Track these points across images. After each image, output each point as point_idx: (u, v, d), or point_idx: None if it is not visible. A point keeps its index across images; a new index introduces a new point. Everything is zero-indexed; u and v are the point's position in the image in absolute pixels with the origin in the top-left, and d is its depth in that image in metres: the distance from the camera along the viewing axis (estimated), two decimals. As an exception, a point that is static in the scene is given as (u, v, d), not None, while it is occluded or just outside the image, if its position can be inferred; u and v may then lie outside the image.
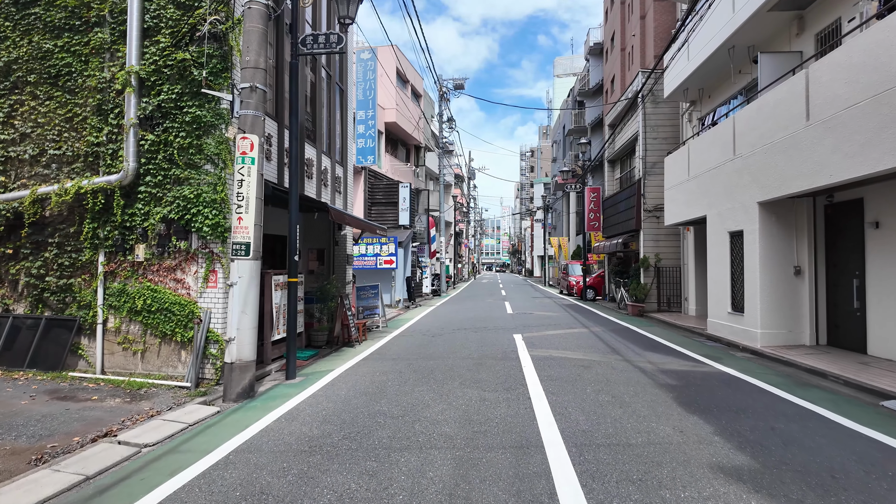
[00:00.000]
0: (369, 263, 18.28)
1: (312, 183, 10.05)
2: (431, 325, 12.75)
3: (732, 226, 9.94)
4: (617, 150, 18.76)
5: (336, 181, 11.57)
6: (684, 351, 8.76)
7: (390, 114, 23.16)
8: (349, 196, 12.41)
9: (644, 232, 15.42)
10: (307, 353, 8.55)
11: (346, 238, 12.28)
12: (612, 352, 8.52)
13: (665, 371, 6.97)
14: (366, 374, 7.05)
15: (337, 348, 9.46)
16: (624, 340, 9.89)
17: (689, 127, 14.35)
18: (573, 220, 37.91)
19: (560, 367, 7.14)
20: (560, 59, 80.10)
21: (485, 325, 12.46)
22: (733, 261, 10.08)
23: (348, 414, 5.11)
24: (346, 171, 12.19)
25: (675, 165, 13.10)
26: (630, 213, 16.34)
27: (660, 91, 15.34)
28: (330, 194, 11.12)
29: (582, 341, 9.68)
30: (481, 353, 8.47)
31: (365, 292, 12.38)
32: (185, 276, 7.03)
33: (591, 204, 20.30)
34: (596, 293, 20.97)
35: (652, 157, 15.45)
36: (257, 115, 6.23)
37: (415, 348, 9.10)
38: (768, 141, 8.61)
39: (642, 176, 15.49)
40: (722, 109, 11.89)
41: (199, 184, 6.93)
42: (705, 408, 5.14)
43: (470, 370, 7.06)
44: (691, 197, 11.98)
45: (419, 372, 7.02)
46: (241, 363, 6.01)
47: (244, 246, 6.07)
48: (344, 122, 12.21)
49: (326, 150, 11.11)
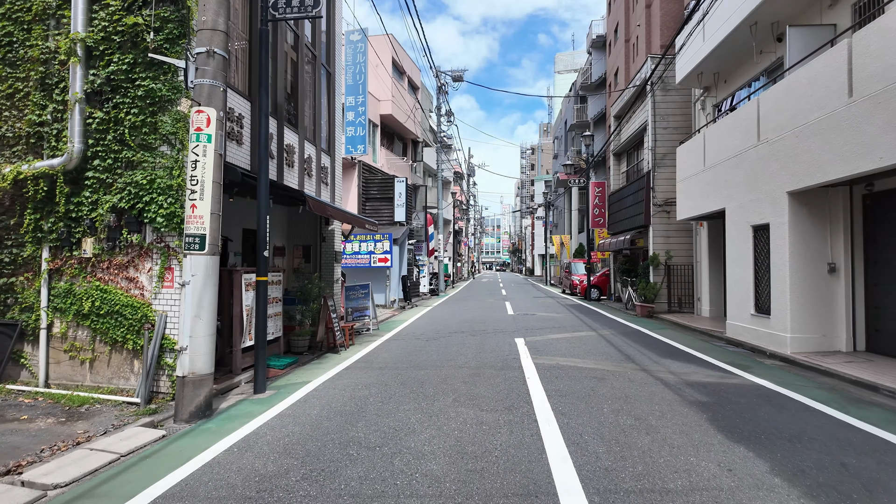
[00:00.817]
0: (363, 261, 17.37)
1: (294, 172, 9.13)
2: (426, 327, 11.83)
3: (756, 219, 9.02)
4: (623, 143, 17.83)
5: (322, 171, 10.65)
6: (706, 358, 7.84)
7: (386, 105, 22.22)
8: (337, 188, 11.49)
9: (653, 228, 14.50)
10: (284, 361, 7.63)
11: (333, 234, 11.36)
12: (627, 359, 7.60)
13: (691, 384, 6.05)
14: (346, 387, 6.13)
15: (319, 355, 8.54)
16: (637, 345, 8.97)
17: (702, 115, 13.42)
18: (575, 218, 37.00)
19: (570, 380, 6.21)
20: (561, 56, 79.16)
21: (484, 327, 11.54)
22: (757, 257, 9.15)
23: (316, 442, 4.19)
24: (333, 162, 11.26)
25: (689, 155, 12.17)
26: (638, 209, 15.41)
27: (670, 78, 14.40)
28: (315, 185, 10.20)
29: (591, 347, 8.76)
30: (479, 360, 7.55)
31: (354, 292, 11.47)
32: (138, 275, 6.10)
33: (595, 199, 19.36)
34: (601, 293, 20.04)
35: (662, 147, 14.52)
36: (215, 86, 5.31)
37: (406, 355, 8.18)
38: (800, 123, 7.68)
39: (651, 168, 14.57)
40: (742, 93, 10.96)
41: (153, 168, 6.01)
42: (751, 435, 4.21)
43: (466, 382, 6.13)
44: (707, 189, 11.05)
45: (408, 385, 6.10)
46: (194, 377, 5.09)
47: (198, 238, 5.15)
48: (331, 108, 11.28)
49: (311, 137, 10.18)
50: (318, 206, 7.34)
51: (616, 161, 19.10)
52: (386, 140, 23.61)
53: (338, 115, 11.54)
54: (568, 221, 38.86)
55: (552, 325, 11.72)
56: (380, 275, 17.73)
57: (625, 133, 17.61)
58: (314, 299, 8.78)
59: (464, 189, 49.46)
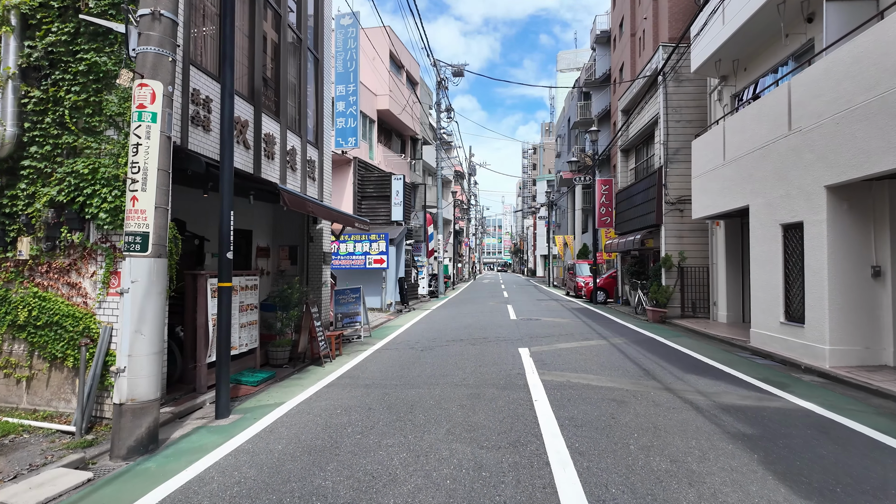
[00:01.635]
0: (358, 263, 16.50)
1: (274, 164, 8.26)
2: (423, 334, 10.94)
3: (787, 216, 8.13)
4: (632, 138, 16.93)
5: (308, 165, 9.78)
6: (735, 373, 6.94)
7: (383, 100, 21.37)
8: (326, 184, 10.62)
9: (665, 227, 13.60)
10: (259, 377, 6.76)
11: (322, 233, 10.49)
12: (646, 375, 6.71)
13: (726, 408, 5.16)
14: (323, 411, 5.25)
15: (301, 368, 7.66)
16: (654, 357, 8.07)
17: (718, 107, 12.52)
18: (579, 217, 36.09)
19: (584, 403, 5.32)
20: (563, 54, 78.19)
21: (484, 334, 10.65)
22: (788, 259, 8.26)
23: (270, 495, 3.31)
24: (321, 155, 10.39)
25: (706, 149, 11.28)
26: (649, 207, 14.52)
27: (683, 68, 13.52)
28: (300, 180, 9.33)
29: (603, 358, 7.87)
30: (479, 377, 6.66)
31: (345, 297, 10.59)
32: (81, 280, 5.24)
33: (602, 197, 18.46)
34: (607, 295, 19.14)
35: (675, 142, 13.63)
36: (162, 54, 4.43)
37: (397, 369, 7.29)
38: (842, 108, 6.79)
39: (663, 164, 13.67)
40: (767, 79, 10.06)
41: (98, 155, 5.14)
42: (822, 487, 3.33)
43: (463, 407, 5.25)
44: (728, 184, 10.15)
45: (395, 409, 5.21)
46: (134, 405, 4.22)
47: (139, 237, 4.27)
48: (319, 97, 10.42)
49: (295, 127, 9.31)
50: (296, 201, 6.47)
51: (624, 157, 18.20)
52: (383, 137, 22.75)
53: (327, 105, 10.68)
54: (571, 221, 37.96)
55: (558, 332, 10.82)
56: (375, 277, 16.86)
57: (633, 128, 16.72)
58: (295, 305, 7.90)
59: (465, 188, 48.58)
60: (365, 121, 20.65)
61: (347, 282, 16.87)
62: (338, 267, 16.69)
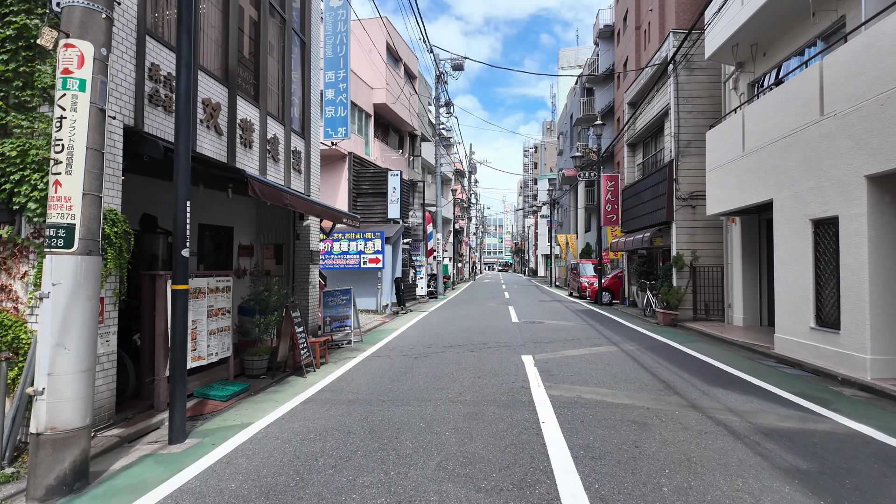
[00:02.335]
0: (352, 262, 15.75)
1: (252, 154, 7.50)
2: (418, 339, 10.18)
3: (819, 211, 7.35)
4: (639, 132, 16.15)
5: (294, 157, 9.03)
6: (766, 386, 6.17)
7: (380, 94, 20.61)
8: (314, 177, 9.86)
9: (677, 224, 12.83)
10: (230, 390, 6.00)
11: (309, 231, 9.74)
12: (667, 389, 5.94)
13: (768, 432, 4.39)
14: (294, 435, 4.49)
15: (280, 378, 6.90)
16: (672, 366, 7.31)
17: (734, 96, 11.74)
18: (581, 216, 35.32)
19: (600, 426, 4.55)
20: (565, 51, 77.41)
21: (484, 339, 9.89)
22: (819, 258, 7.48)
23: (203, 562, 2.55)
24: (308, 146, 9.64)
25: (722, 140, 10.51)
26: (658, 203, 13.75)
27: (695, 56, 12.75)
28: (283, 172, 8.58)
29: (616, 368, 7.10)
30: (478, 391, 5.89)
31: (334, 299, 9.83)
32: (11, 282, 4.48)
33: (607, 194, 17.68)
34: (612, 296, 18.36)
35: (686, 134, 12.85)
36: (92, 9, 3.67)
37: (386, 380, 6.53)
38: (890, 86, 6.01)
39: (674, 157, 12.90)
40: (792, 62, 9.27)
41: (29, 135, 4.39)
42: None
43: (458, 431, 4.48)
44: (747, 177, 9.38)
45: (378, 434, 4.45)
46: (55, 435, 3.45)
47: (63, 230, 3.52)
48: (306, 84, 9.66)
49: (278, 114, 8.56)
50: (270, 192, 5.70)
51: (630, 152, 17.42)
52: (380, 132, 22.00)
53: (314, 93, 9.92)
54: (574, 220, 37.19)
55: (564, 337, 10.05)
56: (371, 277, 16.11)
57: (641, 121, 15.94)
58: (274, 309, 7.13)
59: (465, 187, 47.83)
60: (361, 115, 19.90)
61: (340, 282, 16.13)
62: (331, 267, 15.94)
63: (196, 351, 5.90)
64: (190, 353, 5.79)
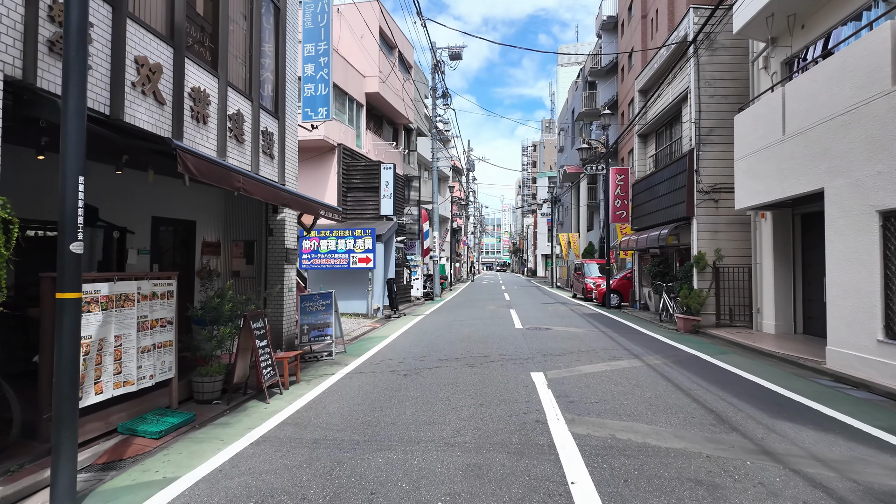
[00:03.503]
0: (340, 262, 14.48)
1: (208, 130, 6.22)
2: (410, 349, 8.92)
3: (889, 200, 6.11)
4: (652, 121, 14.91)
5: (264, 139, 7.75)
6: (840, 417, 4.92)
7: (372, 83, 19.32)
8: (289, 164, 8.59)
9: (698, 220, 11.58)
10: (168, 423, 4.72)
11: (283, 225, 8.47)
12: (720, 422, 4.68)
13: (889, 501, 3.13)
14: (226, 501, 3.21)
15: (237, 404, 5.63)
16: (713, 387, 6.05)
17: (763, 76, 10.51)
18: (584, 214, 34.11)
19: (653, 490, 3.29)
20: (565, 47, 76.25)
21: (486, 350, 8.63)
22: (889, 257, 6.24)
23: None
24: (283, 128, 8.36)
25: (755, 123, 9.27)
26: (675, 197, 12.51)
27: (721, 34, 11.51)
28: (250, 155, 7.30)
29: (648, 390, 5.84)
30: (480, 427, 4.63)
31: (312, 304, 8.55)
32: None
33: (616, 189, 16.43)
34: (621, 299, 17.12)
35: (708, 120, 11.61)
36: None
37: (366, 408, 5.27)
38: None
39: (695, 146, 11.65)
40: (844, 30, 8.02)
41: None
42: None
43: (454, 498, 3.21)
44: (790, 164, 8.14)
45: (342, 500, 3.18)
46: None
47: None
48: (281, 57, 8.38)
49: (243, 88, 7.28)
50: (210, 169, 4.40)
51: (641, 143, 16.18)
52: (373, 123, 20.72)
53: (291, 68, 8.65)
54: (575, 219, 35.98)
55: (577, 348, 8.79)
56: (361, 278, 14.83)
57: (654, 109, 14.70)
58: (228, 319, 5.85)
59: (462, 185, 46.56)
60: (352, 104, 18.62)
61: (326, 284, 14.88)
62: (318, 267, 14.66)
63: (121, 374, 4.63)
64: (112, 378, 4.53)
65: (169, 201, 7.91)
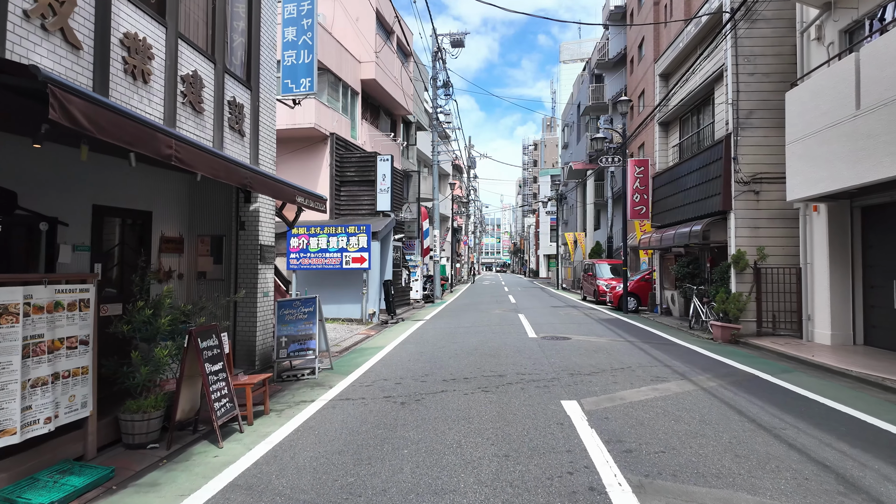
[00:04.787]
0: (332, 262, 13.08)
1: (149, 91, 4.82)
2: (408, 364, 7.52)
3: None
4: (676, 107, 13.53)
5: (232, 111, 6.36)
6: None
7: (368, 68, 17.94)
8: (264, 144, 7.21)
9: (736, 215, 10.20)
10: (69, 487, 3.33)
11: (257, 217, 7.09)
12: (851, 490, 3.30)
13: None
14: None
15: (179, 449, 4.22)
16: (808, 427, 4.66)
17: (815, 48, 9.13)
18: (590, 213, 32.74)
19: None
20: (567, 44, 74.96)
21: (499, 366, 7.24)
22: None
23: None
24: (256, 100, 6.98)
25: (816, 99, 7.89)
26: (707, 189, 11.13)
27: (763, 3, 10.13)
28: (211, 129, 5.91)
29: (724, 432, 4.44)
30: (510, 498, 3.23)
31: (291, 311, 7.15)
32: None
33: (635, 182, 15.03)
34: (639, 302, 15.74)
35: (748, 101, 10.24)
36: None
37: (348, 461, 3.87)
38: None
39: (732, 131, 10.27)
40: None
41: None
42: None
43: None
44: (867, 144, 6.76)
45: None
46: None
47: None
48: (255, 18, 7.00)
49: (205, 47, 5.89)
50: (119, 125, 2.99)
51: (663, 132, 14.79)
52: (369, 113, 19.32)
53: (267, 33, 7.26)
54: (581, 217, 34.60)
55: (608, 364, 7.41)
56: (354, 280, 13.44)
57: (678, 94, 13.31)
58: (167, 336, 4.44)
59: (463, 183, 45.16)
60: (347, 92, 17.23)
61: (313, 287, 13.49)
62: (307, 267, 13.27)
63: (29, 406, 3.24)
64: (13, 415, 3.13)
65: (116, 187, 6.50)
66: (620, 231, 29.29)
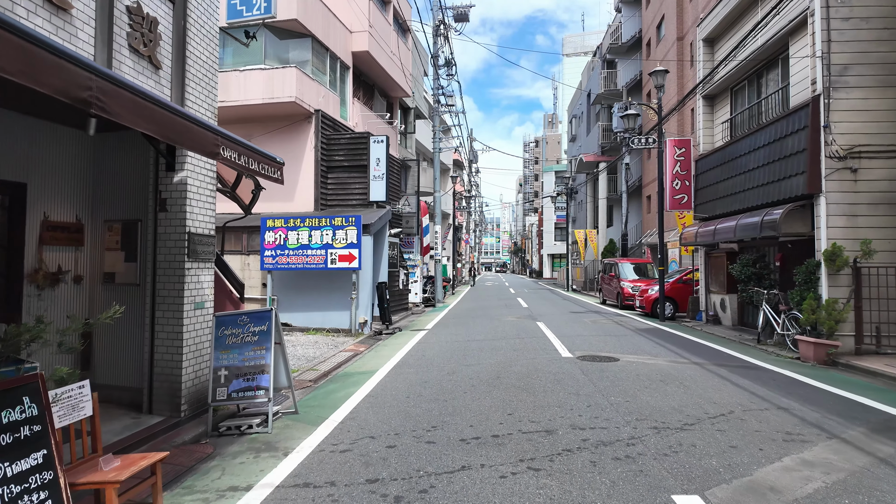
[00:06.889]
0: (315, 261, 10.79)
1: None
2: (407, 406, 5.26)
3: None
4: (725, 76, 11.25)
5: (133, 24, 4.07)
6: None
7: (361, 39, 15.67)
8: (193, 82, 4.92)
9: (828, 199, 7.96)
10: None
11: (185, 192, 4.80)
12: None
13: None
14: None
15: None
16: None
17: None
18: (602, 209, 30.54)
19: None
20: (570, 37, 72.87)
21: (540, 410, 5.00)
22: None
23: None
24: (180, 19, 4.69)
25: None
26: (782, 169, 8.89)
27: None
28: (93, 46, 3.62)
29: None
30: None
31: (236, 333, 4.84)
32: None
33: (675, 166, 12.75)
34: (676, 308, 13.50)
35: (843, 53, 8.01)
36: None
37: None
38: None
39: (823, 92, 8.02)
40: None
41: None
42: None
43: None
44: None
45: None
46: None
47: None
48: None
49: None
50: None
51: (707, 108, 12.51)
52: (362, 92, 17.05)
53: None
54: (592, 214, 32.37)
55: (697, 406, 5.16)
56: (342, 282, 11.15)
57: (732, 60, 11.04)
58: None
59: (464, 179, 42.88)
60: (335, 64, 14.96)
61: (293, 291, 11.26)
62: (284, 267, 10.98)
63: None
64: None
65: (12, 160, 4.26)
66: (636, 227, 27.08)
